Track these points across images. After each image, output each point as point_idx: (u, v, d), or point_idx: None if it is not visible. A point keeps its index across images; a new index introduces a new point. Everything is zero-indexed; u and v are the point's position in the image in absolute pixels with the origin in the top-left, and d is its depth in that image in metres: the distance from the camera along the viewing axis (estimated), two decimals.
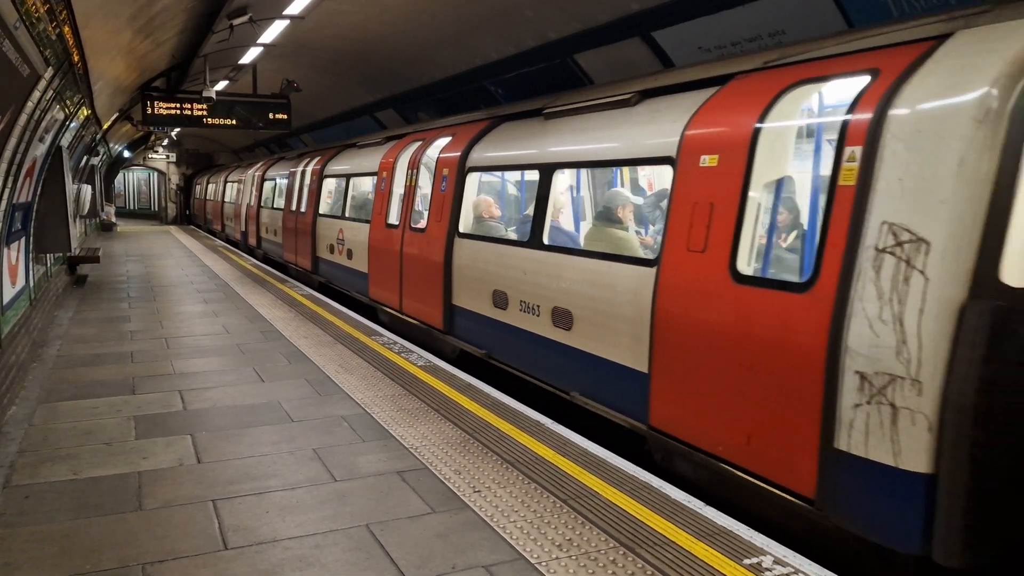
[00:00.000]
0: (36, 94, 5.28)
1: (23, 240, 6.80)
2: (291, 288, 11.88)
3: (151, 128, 21.15)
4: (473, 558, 3.30)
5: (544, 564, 3.25)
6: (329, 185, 12.88)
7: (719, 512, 3.79)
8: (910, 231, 3.22)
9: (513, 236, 7.04)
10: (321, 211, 12.67)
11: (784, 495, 3.73)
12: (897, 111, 3.37)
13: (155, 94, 11.70)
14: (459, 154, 7.56)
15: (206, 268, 14.72)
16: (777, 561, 3.27)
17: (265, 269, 14.65)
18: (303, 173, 13.98)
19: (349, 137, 14.57)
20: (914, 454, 3.15)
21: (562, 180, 7.36)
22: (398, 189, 9.42)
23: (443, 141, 8.31)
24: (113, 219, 27.27)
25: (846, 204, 3.52)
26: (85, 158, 14.84)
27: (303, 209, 13.47)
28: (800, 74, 4.18)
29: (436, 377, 6.38)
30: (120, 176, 35.87)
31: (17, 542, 3.43)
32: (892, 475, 3.22)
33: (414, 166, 8.85)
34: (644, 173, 7.86)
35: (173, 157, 34.07)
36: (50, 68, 5.26)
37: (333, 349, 7.42)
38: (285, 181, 15.50)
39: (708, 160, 4.34)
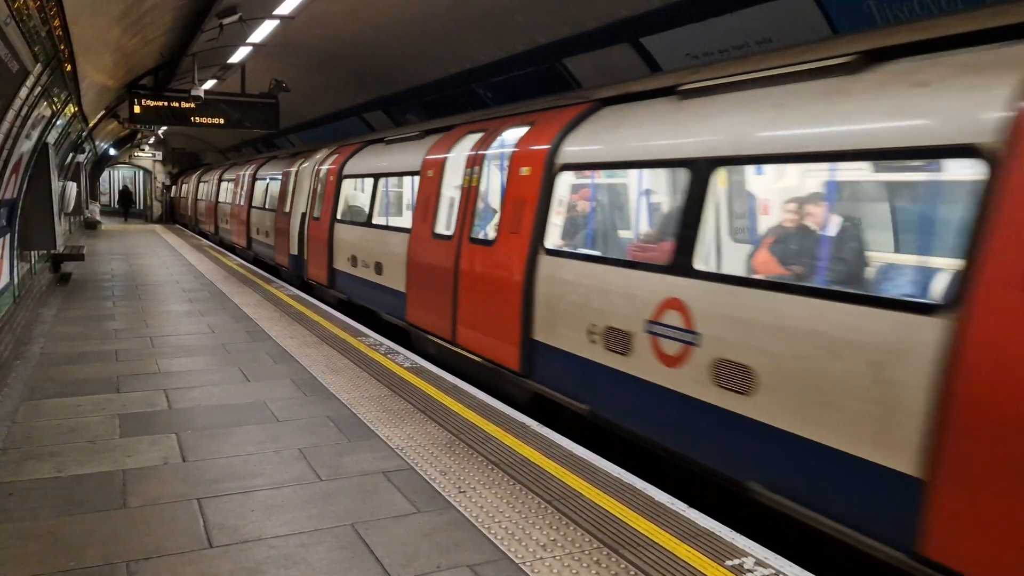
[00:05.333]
0: (24, 91, 5.26)
1: (8, 237, 6.76)
2: (277, 288, 11.85)
3: (137, 126, 21.03)
4: (458, 558, 3.33)
5: (528, 564, 3.28)
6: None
7: (701, 514, 3.83)
8: None
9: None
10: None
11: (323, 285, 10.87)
12: None
13: (142, 92, 11.66)
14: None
15: (191, 267, 14.64)
16: (759, 562, 3.32)
17: (253, 270, 14.59)
18: None
19: (337, 138, 14.50)
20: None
21: None
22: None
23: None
24: (97, 217, 27.07)
25: None
26: (71, 155, 14.74)
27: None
28: None
29: (422, 378, 6.39)
30: (105, 174, 35.61)
31: (1, 539, 3.41)
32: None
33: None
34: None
35: (159, 155, 33.88)
36: (39, 64, 5.24)
37: (319, 349, 7.42)
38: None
39: None
